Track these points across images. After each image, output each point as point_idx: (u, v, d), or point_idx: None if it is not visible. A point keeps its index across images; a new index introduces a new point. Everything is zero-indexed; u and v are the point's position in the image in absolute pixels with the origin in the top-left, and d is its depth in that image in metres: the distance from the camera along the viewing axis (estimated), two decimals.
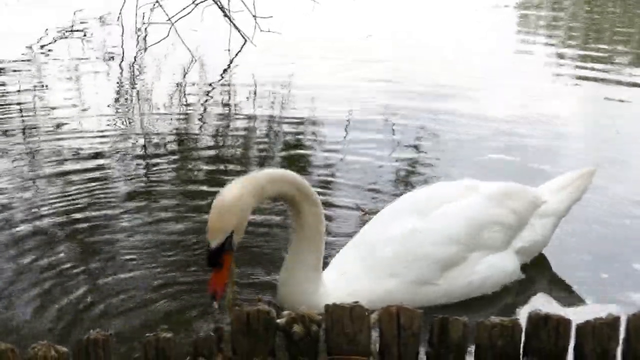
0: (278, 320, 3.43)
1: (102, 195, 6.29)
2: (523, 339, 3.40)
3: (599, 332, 3.37)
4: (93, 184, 6.51)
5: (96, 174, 6.73)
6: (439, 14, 15.47)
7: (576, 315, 3.52)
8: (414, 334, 3.38)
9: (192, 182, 6.66)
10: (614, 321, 3.38)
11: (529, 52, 12.44)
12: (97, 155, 7.21)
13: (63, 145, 7.47)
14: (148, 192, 6.41)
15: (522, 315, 3.99)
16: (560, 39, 13.82)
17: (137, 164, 7.05)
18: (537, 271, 5.22)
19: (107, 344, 3.15)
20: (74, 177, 6.64)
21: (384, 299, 4.01)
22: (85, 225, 5.77)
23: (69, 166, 6.91)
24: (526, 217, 5.15)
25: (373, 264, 4.67)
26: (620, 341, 3.39)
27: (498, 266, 4.93)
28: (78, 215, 5.92)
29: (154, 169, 6.95)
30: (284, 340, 3.45)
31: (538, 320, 3.39)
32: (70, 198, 6.21)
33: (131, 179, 6.69)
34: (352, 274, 4.66)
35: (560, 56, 12.19)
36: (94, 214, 5.95)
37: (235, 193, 4.23)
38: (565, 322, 3.39)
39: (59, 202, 6.14)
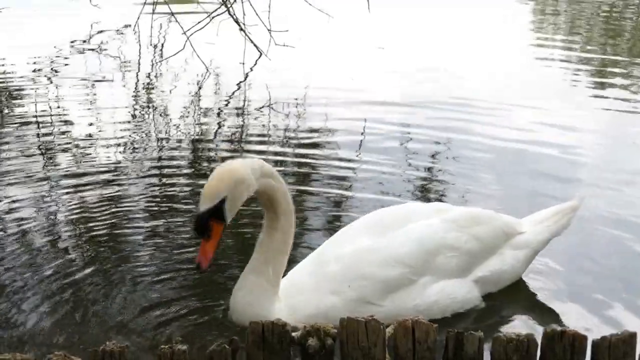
0: (293, 334, 3.44)
1: (117, 207, 6.31)
2: (539, 354, 3.40)
3: (614, 348, 3.36)
4: (109, 195, 6.55)
5: (112, 185, 6.76)
6: (450, 23, 15.47)
7: None
8: (429, 348, 3.38)
9: None
10: (630, 338, 3.37)
11: (544, 61, 12.43)
12: (113, 166, 7.25)
13: (78, 156, 7.52)
14: (163, 204, 6.43)
15: None
16: (577, 45, 13.82)
17: (152, 176, 7.07)
18: (504, 300, 5.07)
19: (123, 356, 3.15)
20: (90, 189, 6.68)
21: (324, 316, 4.00)
22: (101, 236, 5.81)
23: (84, 177, 6.93)
24: (494, 246, 5.02)
25: (319, 280, 4.65)
26: (637, 358, 3.38)
27: (448, 292, 4.80)
28: (94, 227, 5.95)
29: (169, 181, 6.97)
30: (299, 354, 3.46)
31: (554, 335, 3.38)
32: (86, 209, 6.25)
33: (146, 192, 6.70)
34: (298, 287, 4.66)
35: (577, 66, 12.18)
36: (110, 225, 5.99)
37: (234, 164, 4.33)
38: (580, 338, 3.38)
39: (75, 212, 6.18)
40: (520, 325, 4.83)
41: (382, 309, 4.54)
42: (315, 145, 8.05)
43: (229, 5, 11.56)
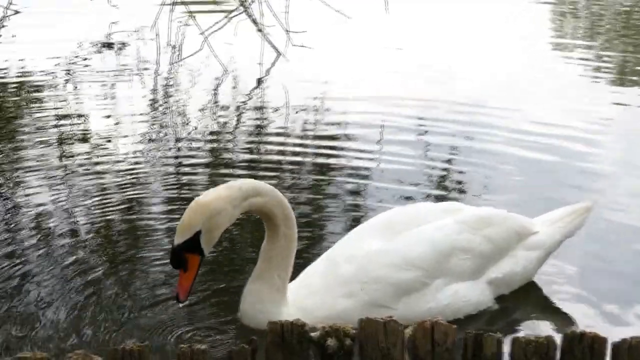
0: (312, 334, 3.44)
1: (135, 206, 6.35)
2: (558, 356, 3.38)
3: (635, 351, 3.34)
4: (127, 194, 6.58)
5: (130, 184, 6.80)
6: (470, 19, 15.43)
7: None
8: (447, 350, 3.37)
9: None
10: None
11: (563, 59, 12.41)
12: (131, 165, 7.29)
13: (97, 156, 7.57)
14: (181, 203, 6.45)
15: None
16: (596, 42, 13.76)
17: (170, 176, 7.11)
18: (516, 301, 5.05)
19: (143, 355, 3.16)
20: (108, 188, 6.71)
21: (337, 318, 3.99)
22: (120, 235, 5.85)
23: (103, 177, 6.98)
24: (507, 247, 4.99)
25: (332, 282, 4.63)
26: None
27: (462, 295, 4.77)
28: (113, 225, 5.99)
29: (187, 180, 7.00)
30: (317, 354, 3.46)
31: (573, 337, 3.36)
32: (104, 208, 6.28)
33: (164, 190, 6.74)
34: (309, 290, 4.64)
35: (596, 63, 12.12)
36: (128, 224, 6.03)
37: (211, 195, 4.30)
38: (600, 340, 3.36)
39: (94, 211, 6.22)
40: (533, 326, 4.83)
41: (395, 312, 4.47)
42: (333, 139, 8.12)
43: (247, 6, 11.58)
